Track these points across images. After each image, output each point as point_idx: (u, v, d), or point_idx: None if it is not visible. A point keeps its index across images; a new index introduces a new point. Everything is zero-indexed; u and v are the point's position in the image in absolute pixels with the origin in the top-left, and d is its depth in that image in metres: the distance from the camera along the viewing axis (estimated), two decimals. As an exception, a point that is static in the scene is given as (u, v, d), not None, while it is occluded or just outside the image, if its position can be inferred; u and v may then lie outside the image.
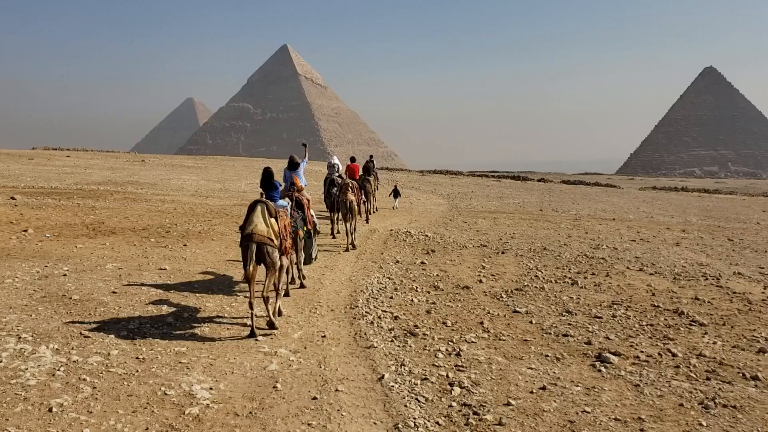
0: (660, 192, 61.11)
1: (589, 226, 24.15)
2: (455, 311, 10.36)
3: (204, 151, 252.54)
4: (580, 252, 17.19)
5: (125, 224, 18.16)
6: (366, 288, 11.60)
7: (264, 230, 8.68)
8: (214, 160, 64.87)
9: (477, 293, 11.76)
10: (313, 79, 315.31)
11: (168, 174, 40.72)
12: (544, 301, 11.37)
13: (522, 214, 28.75)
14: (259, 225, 8.67)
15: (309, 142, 17.22)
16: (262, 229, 8.67)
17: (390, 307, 10.29)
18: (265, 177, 10.11)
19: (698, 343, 9.13)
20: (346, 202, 16.29)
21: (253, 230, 8.62)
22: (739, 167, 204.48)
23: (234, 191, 32.16)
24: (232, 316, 9.46)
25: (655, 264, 15.89)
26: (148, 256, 13.67)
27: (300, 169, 12.80)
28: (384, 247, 16.84)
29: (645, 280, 13.91)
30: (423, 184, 47.50)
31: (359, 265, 14.17)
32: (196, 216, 20.76)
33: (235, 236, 17.05)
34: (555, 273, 14.21)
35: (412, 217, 24.95)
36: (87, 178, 33.92)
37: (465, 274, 13.59)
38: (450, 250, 16.69)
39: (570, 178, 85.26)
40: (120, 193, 27.05)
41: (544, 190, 50.01)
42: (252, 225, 8.67)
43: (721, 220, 31.88)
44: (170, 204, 23.97)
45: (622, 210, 34.68)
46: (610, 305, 11.23)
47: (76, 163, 44.81)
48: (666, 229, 24.96)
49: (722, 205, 43.94)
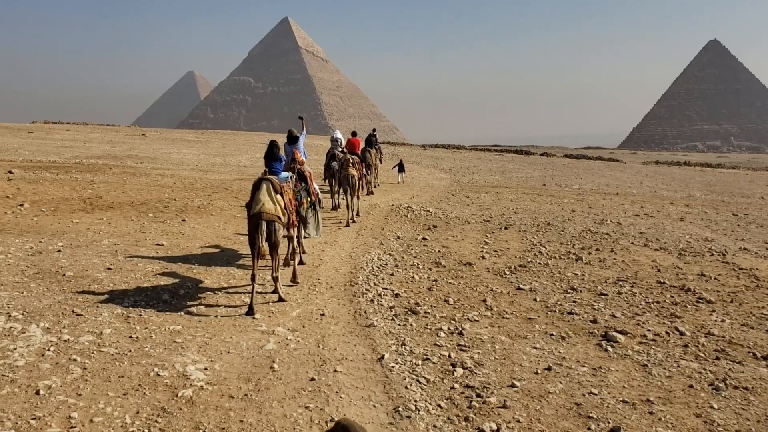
0: (663, 166, 60.74)
1: (592, 201, 23.88)
2: (457, 288, 10.12)
3: (205, 125, 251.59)
4: (584, 227, 16.94)
5: (123, 199, 17.92)
6: (366, 265, 11.36)
7: (272, 208, 8.71)
8: (215, 134, 64.45)
9: (480, 270, 11.53)
10: (314, 52, 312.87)
11: (168, 148, 40.38)
12: (548, 277, 11.13)
13: (525, 188, 28.46)
14: (266, 203, 8.68)
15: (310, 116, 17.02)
16: (270, 207, 8.69)
17: (391, 285, 10.05)
18: (270, 149, 10.01)
19: (706, 321, 8.91)
20: (348, 177, 16.21)
21: (261, 209, 8.63)
22: (742, 141, 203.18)
23: (234, 165, 31.87)
24: (229, 294, 9.24)
25: (660, 239, 15.64)
26: (145, 232, 13.44)
27: (299, 142, 12.58)
28: (385, 222, 16.60)
29: (650, 255, 13.67)
30: (425, 159, 47.14)
31: (360, 241, 13.94)
32: (196, 191, 20.51)
33: (234, 211, 16.82)
34: (559, 249, 13.97)
35: (414, 192, 24.68)
36: (86, 152, 33.62)
37: (467, 250, 13.35)
38: (452, 226, 16.44)
39: (573, 152, 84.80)
40: (119, 167, 26.77)
41: (547, 164, 49.66)
42: (259, 204, 8.67)
43: (725, 194, 31.61)
44: (170, 178, 23.70)
45: (625, 184, 34.39)
46: (615, 282, 11.00)
47: (75, 137, 44.43)
48: (670, 203, 24.68)
49: (726, 180, 43.64)
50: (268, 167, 9.94)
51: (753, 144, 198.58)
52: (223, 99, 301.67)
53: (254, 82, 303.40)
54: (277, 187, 9.03)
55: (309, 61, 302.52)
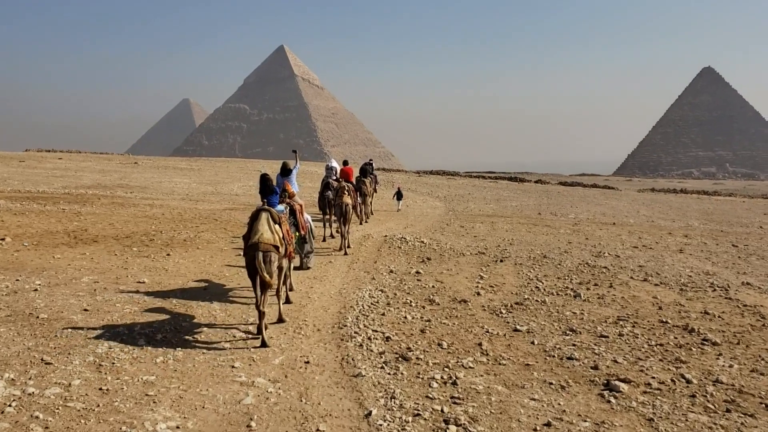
0: (659, 194, 60.52)
1: (589, 232, 23.50)
2: (452, 330, 9.64)
3: (200, 152, 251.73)
4: (582, 260, 16.52)
5: (109, 231, 17.47)
6: (357, 303, 10.89)
7: (270, 238, 8.65)
8: (208, 162, 64.16)
9: (475, 308, 11.08)
10: (309, 80, 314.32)
11: (160, 177, 40.01)
12: (546, 317, 10.67)
13: (520, 218, 28.09)
14: (265, 233, 8.64)
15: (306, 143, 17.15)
16: (268, 237, 8.64)
17: (381, 326, 9.56)
18: (263, 184, 10.00)
19: (713, 366, 8.45)
20: (341, 206, 16.17)
21: (260, 239, 8.56)
22: (737, 168, 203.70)
23: (226, 194, 31.48)
24: (209, 337, 8.75)
25: (660, 273, 15.22)
26: (128, 268, 12.98)
27: (292, 175, 12.56)
28: (378, 254, 16.16)
29: (650, 291, 13.24)
30: (419, 186, 46.86)
31: (351, 275, 13.49)
32: (184, 222, 20.07)
33: (221, 244, 16.38)
34: (556, 284, 13.53)
35: (408, 222, 24.29)
36: (76, 182, 33.23)
37: (462, 286, 12.91)
38: (447, 258, 16.02)
39: (567, 179, 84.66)
40: (108, 198, 26.35)
41: (542, 192, 49.37)
42: (258, 234, 8.61)
43: (723, 224, 31.25)
44: (158, 209, 23.27)
45: (621, 214, 34.04)
46: (615, 321, 10.55)
47: (67, 166, 44.08)
48: (668, 234, 24.31)
49: (723, 208, 43.33)
50: (265, 200, 9.88)
51: (748, 170, 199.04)
52: (219, 126, 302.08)
53: (249, 109, 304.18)
54: (275, 218, 9.02)
55: (304, 88, 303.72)
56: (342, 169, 20.69)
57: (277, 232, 8.87)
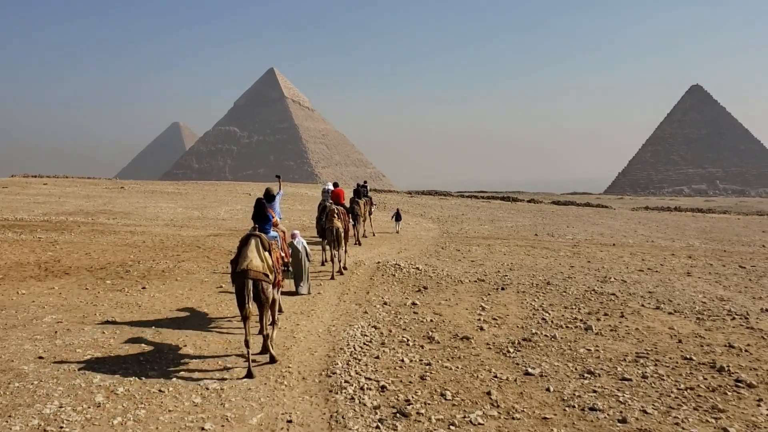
0: (653, 212, 59.74)
1: (590, 254, 22.52)
2: (455, 375, 8.52)
3: (190, 176, 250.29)
4: (588, 287, 15.50)
5: (84, 262, 16.39)
6: (347, 343, 9.76)
7: (259, 266, 8.34)
8: (197, 186, 63.01)
9: (479, 345, 9.99)
10: (300, 102, 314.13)
11: (145, 201, 38.89)
12: (559, 355, 9.60)
13: (517, 239, 27.09)
14: (254, 260, 8.32)
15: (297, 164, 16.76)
16: (258, 264, 8.32)
17: (376, 372, 8.43)
18: (258, 209, 9.60)
19: (756, 416, 7.38)
20: (332, 229, 15.93)
21: (249, 266, 8.24)
22: (728, 185, 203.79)
23: (212, 219, 30.38)
24: (178, 392, 7.60)
25: (672, 300, 14.21)
26: (97, 304, 11.87)
27: (275, 201, 11.81)
28: (370, 283, 15.09)
29: (665, 321, 12.23)
30: (412, 207, 45.85)
31: (341, 308, 12.39)
32: (165, 250, 18.97)
33: (203, 275, 15.30)
34: (564, 314, 12.50)
35: (402, 245, 23.23)
36: (58, 208, 32.10)
37: (463, 319, 11.84)
38: (444, 287, 14.97)
39: (560, 198, 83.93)
40: (88, 225, 25.25)
41: (536, 212, 48.47)
42: (247, 260, 8.29)
43: (723, 242, 30.37)
44: (140, 236, 22.17)
45: (619, 233, 33.11)
46: (635, 359, 9.49)
47: (51, 192, 42.93)
48: (671, 255, 23.36)
49: (719, 226, 42.52)
50: (258, 225, 9.46)
51: (738, 187, 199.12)
52: (209, 149, 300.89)
53: (240, 132, 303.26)
54: (265, 244, 8.71)
55: (295, 110, 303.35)
56: (332, 191, 19.88)
57: (266, 260, 8.51)
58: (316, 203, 42.89)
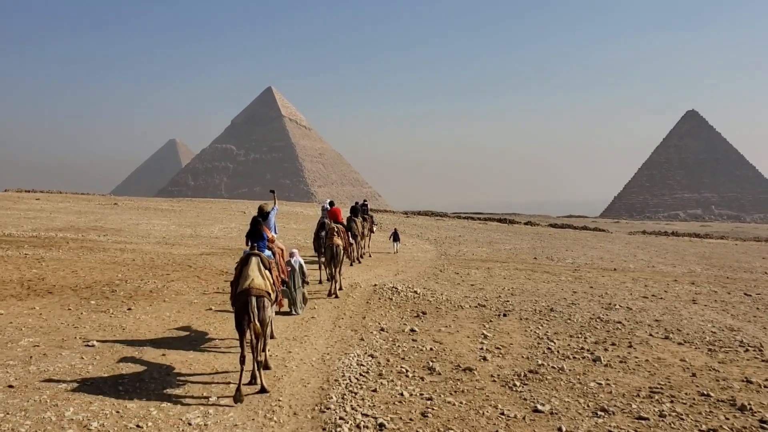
0: (650, 236, 59.32)
1: (591, 279, 21.96)
2: (459, 412, 7.87)
3: (186, 193, 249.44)
4: (592, 314, 14.93)
5: (69, 281, 15.77)
6: (343, 374, 9.12)
7: (261, 284, 8.25)
8: (191, 203, 62.38)
9: (483, 378, 9.38)
10: (297, 120, 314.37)
11: (138, 218, 38.27)
12: (568, 390, 8.99)
13: (516, 263, 26.54)
14: (256, 279, 8.24)
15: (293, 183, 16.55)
16: (260, 282, 8.24)
17: (373, 408, 7.78)
18: (254, 228, 9.51)
19: (787, 462, 6.81)
20: (332, 247, 15.80)
21: (251, 285, 8.13)
22: (723, 210, 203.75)
23: (205, 237, 29.75)
24: (157, 428, 6.96)
25: (681, 330, 13.64)
26: (79, 326, 11.24)
27: (270, 218, 11.68)
28: (367, 308, 14.48)
29: (675, 352, 11.65)
30: (408, 227, 45.30)
31: (336, 335, 11.77)
32: (155, 269, 18.35)
33: (192, 296, 14.69)
34: (570, 344, 11.91)
35: (399, 267, 22.63)
36: (48, 224, 31.45)
37: (464, 347, 11.24)
38: (444, 312, 14.37)
39: (556, 221, 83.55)
40: (78, 241, 24.62)
41: (534, 234, 47.97)
42: (248, 279, 8.20)
43: (725, 269, 29.86)
44: (129, 254, 21.55)
45: (619, 258, 32.58)
46: (649, 395, 8.89)
47: (42, 207, 42.30)
48: (674, 281, 22.83)
49: (718, 252, 42.05)
50: (255, 245, 9.32)
51: (733, 213, 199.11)
52: (205, 166, 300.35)
53: (236, 150, 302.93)
54: (266, 263, 8.66)
55: (292, 129, 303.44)
56: (329, 210, 19.70)
57: (267, 278, 8.48)
58: (312, 222, 42.39)
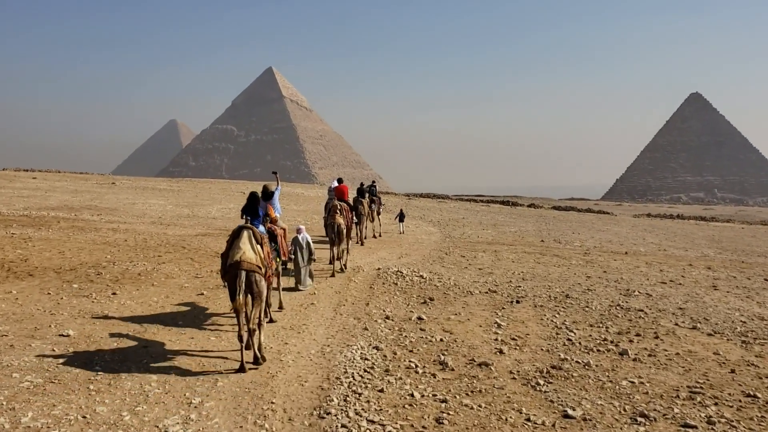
0: (656, 220, 58.29)
1: (603, 263, 20.97)
2: (479, 417, 6.83)
3: (186, 174, 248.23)
4: (611, 301, 13.95)
5: (54, 262, 14.79)
6: (345, 370, 8.10)
7: (252, 258, 8.13)
8: (190, 183, 61.30)
9: (502, 375, 8.38)
10: (298, 101, 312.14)
11: (135, 198, 37.23)
12: (599, 390, 7.99)
13: (523, 246, 25.55)
14: (247, 252, 8.11)
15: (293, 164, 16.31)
16: (251, 256, 8.11)
17: (380, 412, 6.75)
18: (251, 203, 9.51)
19: None
20: (333, 225, 15.66)
21: (242, 257, 8.01)
22: (726, 194, 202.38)
23: (202, 217, 28.73)
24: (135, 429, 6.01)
25: (709, 319, 12.66)
26: (56, 312, 10.27)
27: (274, 198, 11.67)
28: (370, 293, 13.50)
29: (706, 344, 10.69)
30: (411, 209, 44.25)
31: (337, 323, 10.79)
32: (146, 250, 17.36)
33: (183, 279, 13.70)
34: (591, 334, 10.95)
35: (402, 251, 21.63)
36: (42, 203, 30.42)
37: (478, 338, 10.26)
38: (452, 298, 13.40)
39: (559, 203, 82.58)
40: (69, 221, 23.60)
41: (538, 217, 46.93)
42: (240, 252, 8.07)
43: (738, 252, 28.92)
44: (122, 234, 20.55)
45: (628, 241, 31.60)
46: (690, 396, 7.90)
47: (38, 186, 41.22)
48: (689, 265, 21.84)
49: (727, 235, 41.11)
50: (248, 218, 9.16)
51: (736, 196, 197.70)
52: (205, 147, 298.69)
53: (237, 131, 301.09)
54: (258, 237, 8.54)
55: (293, 110, 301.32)
56: (336, 187, 19.79)
57: (259, 252, 8.33)
58: (312, 204, 41.39)
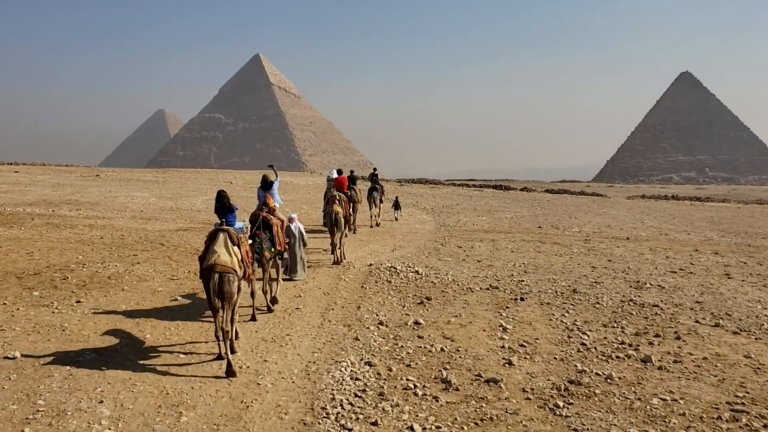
0: (651, 201, 57.41)
1: (606, 250, 19.94)
2: (491, 455, 5.81)
3: (175, 163, 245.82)
4: (623, 295, 12.90)
5: (18, 265, 13.62)
6: (333, 396, 6.90)
7: (227, 260, 8.11)
8: (177, 173, 59.88)
9: (514, 394, 7.27)
10: (286, 88, 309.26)
11: (117, 190, 35.96)
12: (628, 411, 6.88)
13: (521, 233, 24.49)
14: (222, 255, 8.12)
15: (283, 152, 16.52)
16: (225, 259, 8.10)
17: (374, 455, 5.71)
18: (219, 202, 9.24)
19: None
20: (331, 214, 15.71)
21: (216, 261, 8.02)
22: (717, 173, 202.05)
23: (186, 210, 27.53)
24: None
25: (731, 315, 11.62)
26: (7, 327, 9.12)
27: (273, 188, 12.15)
28: (362, 294, 12.39)
29: (734, 345, 9.66)
30: (403, 196, 43.02)
31: (325, 332, 9.67)
32: (122, 248, 16.20)
33: (157, 282, 12.55)
34: (606, 336, 9.90)
35: (396, 242, 20.51)
36: (19, 198, 29.10)
37: (482, 346, 9.18)
38: (451, 297, 12.31)
39: (551, 186, 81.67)
40: (44, 217, 22.34)
41: (532, 201, 45.95)
42: (214, 255, 8.09)
43: (741, 234, 27.97)
44: (98, 230, 19.35)
45: (627, 225, 30.58)
46: (733, 416, 6.82)
47: (18, 180, 39.79)
48: (695, 251, 20.85)
49: (725, 216, 40.21)
50: (223, 219, 8.94)
51: (727, 175, 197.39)
52: (193, 136, 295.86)
53: (225, 119, 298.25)
54: (234, 239, 8.49)
55: (281, 97, 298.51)
56: (336, 178, 20.00)
57: (235, 254, 8.30)
58: (301, 193, 40.21)
